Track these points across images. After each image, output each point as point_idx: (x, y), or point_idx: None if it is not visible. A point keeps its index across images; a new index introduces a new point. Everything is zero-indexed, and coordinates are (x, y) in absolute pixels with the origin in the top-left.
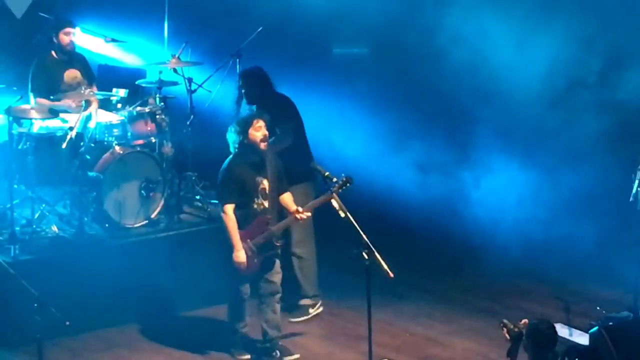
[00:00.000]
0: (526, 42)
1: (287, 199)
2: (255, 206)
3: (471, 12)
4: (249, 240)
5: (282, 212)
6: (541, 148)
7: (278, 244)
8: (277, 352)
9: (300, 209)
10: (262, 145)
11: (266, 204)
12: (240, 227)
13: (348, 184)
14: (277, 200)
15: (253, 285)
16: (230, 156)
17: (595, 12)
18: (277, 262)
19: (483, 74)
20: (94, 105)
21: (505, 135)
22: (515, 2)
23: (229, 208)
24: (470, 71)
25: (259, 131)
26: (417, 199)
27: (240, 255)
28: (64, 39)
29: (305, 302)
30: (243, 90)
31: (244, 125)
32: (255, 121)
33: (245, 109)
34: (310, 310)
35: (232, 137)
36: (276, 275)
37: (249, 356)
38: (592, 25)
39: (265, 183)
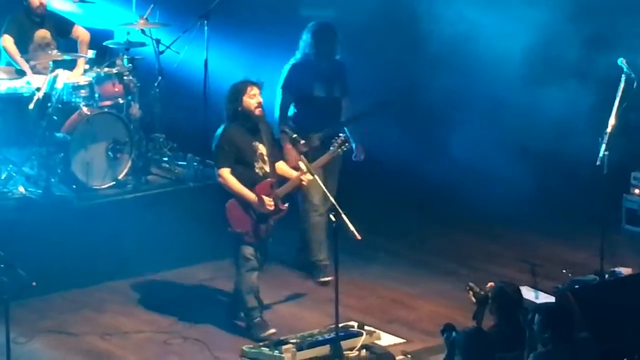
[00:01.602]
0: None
1: (282, 166)
2: (257, 170)
3: None
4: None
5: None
6: (512, 112)
7: (284, 208)
8: (259, 317)
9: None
10: (257, 112)
11: (267, 168)
12: None
13: (346, 144)
14: (274, 166)
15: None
16: (224, 123)
17: None
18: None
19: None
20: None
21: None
22: None
23: (225, 171)
24: (440, 40)
25: (253, 98)
26: (385, 161)
27: (260, 198)
28: (34, 1)
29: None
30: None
31: (238, 93)
32: (249, 88)
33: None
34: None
35: (226, 105)
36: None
37: (273, 330)
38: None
39: (262, 148)
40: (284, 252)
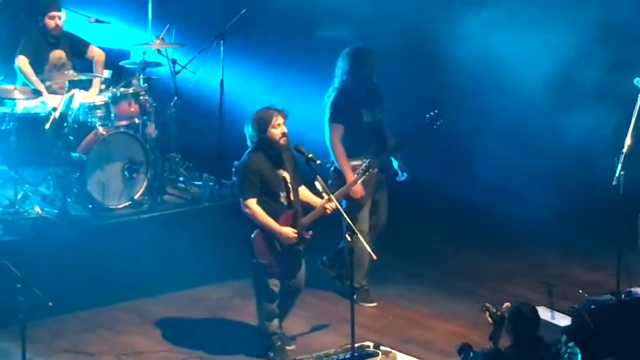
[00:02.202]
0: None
1: (306, 192)
2: (282, 200)
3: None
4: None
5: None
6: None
7: (308, 236)
8: (279, 342)
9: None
10: (282, 141)
11: (291, 196)
12: None
13: (370, 170)
14: (298, 193)
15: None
16: (248, 150)
17: None
18: (303, 259)
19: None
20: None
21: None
22: None
23: (251, 202)
24: (462, 62)
25: (277, 128)
26: (404, 181)
27: (285, 231)
28: (49, 22)
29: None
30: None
31: (263, 124)
32: (274, 118)
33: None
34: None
35: (249, 132)
36: (301, 272)
37: (293, 347)
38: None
39: (286, 175)
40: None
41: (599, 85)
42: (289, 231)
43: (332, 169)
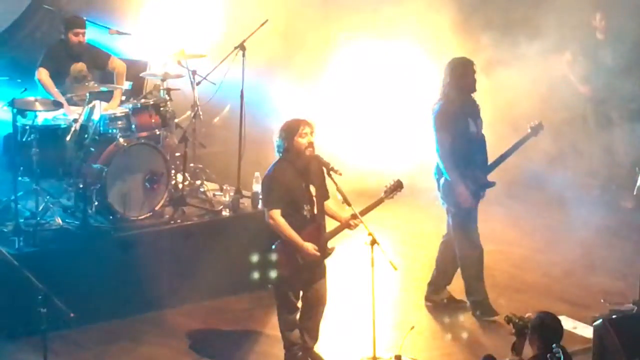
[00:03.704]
0: None
1: (332, 206)
2: (305, 213)
3: None
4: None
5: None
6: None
7: (330, 251)
8: (310, 359)
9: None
10: (308, 152)
11: (315, 210)
12: None
13: (399, 190)
14: (323, 206)
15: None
16: (275, 161)
17: None
18: (325, 268)
19: None
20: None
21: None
22: None
23: (276, 213)
24: None
25: (304, 138)
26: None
27: (307, 247)
28: (73, 38)
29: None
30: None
31: (290, 133)
32: (301, 128)
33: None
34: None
35: (277, 141)
36: (323, 286)
37: None
38: None
39: (312, 189)
40: None
41: None
42: (311, 247)
43: (441, 180)
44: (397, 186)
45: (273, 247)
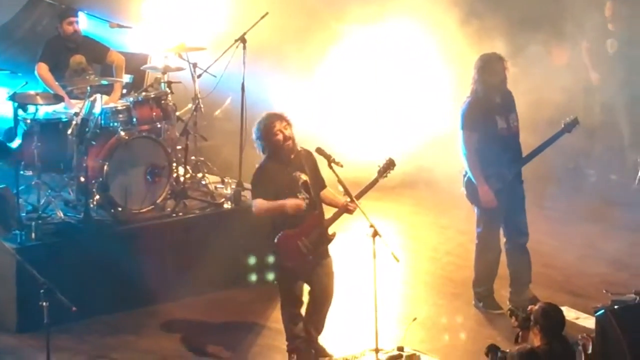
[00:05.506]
0: None
1: (329, 194)
2: (301, 199)
3: None
4: (303, 238)
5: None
6: None
7: (332, 237)
8: (313, 351)
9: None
10: (285, 146)
11: (313, 196)
12: (290, 227)
13: (392, 168)
14: (319, 195)
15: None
16: (264, 157)
17: None
18: (331, 261)
19: None
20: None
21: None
22: None
23: (257, 201)
24: None
25: (278, 135)
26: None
27: (288, 201)
28: (68, 28)
29: None
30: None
31: (263, 133)
32: (273, 125)
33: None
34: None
35: (256, 144)
36: (328, 277)
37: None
38: None
39: (305, 177)
40: None
41: None
42: (292, 200)
43: (465, 178)
44: (390, 164)
45: (275, 240)
